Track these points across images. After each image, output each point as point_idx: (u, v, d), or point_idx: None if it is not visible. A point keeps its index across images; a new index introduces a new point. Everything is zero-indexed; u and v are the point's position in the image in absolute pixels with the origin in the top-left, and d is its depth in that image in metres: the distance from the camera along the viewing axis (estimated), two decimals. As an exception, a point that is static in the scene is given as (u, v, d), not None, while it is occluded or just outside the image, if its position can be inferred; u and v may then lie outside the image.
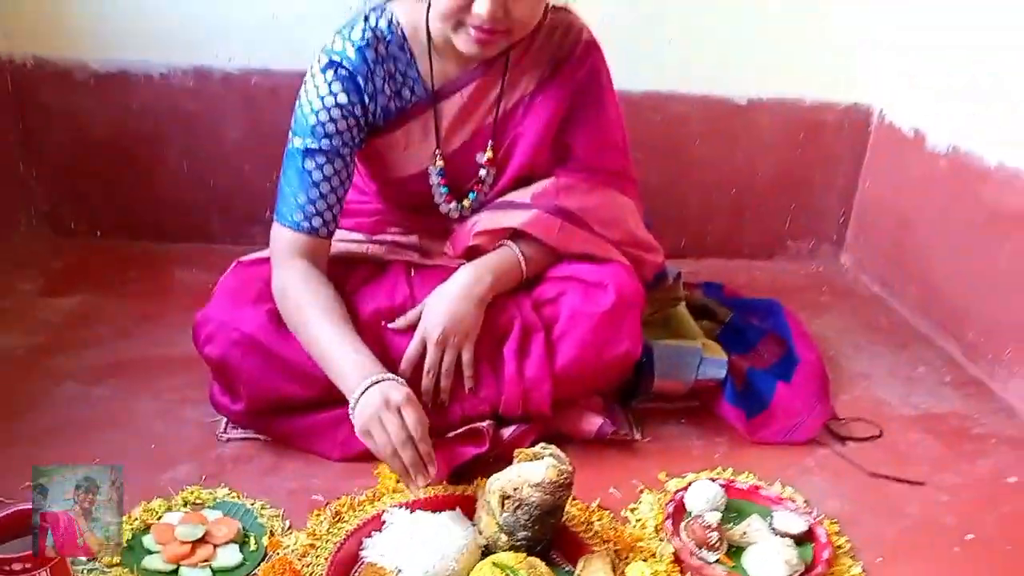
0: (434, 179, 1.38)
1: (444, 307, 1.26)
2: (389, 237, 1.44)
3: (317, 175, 1.27)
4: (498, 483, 1.08)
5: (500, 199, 1.39)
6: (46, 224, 2.00)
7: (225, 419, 1.35)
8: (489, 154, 1.37)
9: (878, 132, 2.12)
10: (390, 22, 1.30)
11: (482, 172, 1.38)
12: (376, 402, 1.11)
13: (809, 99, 2.09)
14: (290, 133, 1.30)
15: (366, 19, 1.30)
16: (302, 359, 1.23)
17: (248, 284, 1.32)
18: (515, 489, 1.06)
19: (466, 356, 1.27)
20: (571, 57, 1.35)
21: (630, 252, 1.40)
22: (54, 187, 1.97)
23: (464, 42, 1.20)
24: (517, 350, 1.30)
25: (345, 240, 1.42)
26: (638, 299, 1.36)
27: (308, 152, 1.26)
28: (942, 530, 1.24)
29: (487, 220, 1.35)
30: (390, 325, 1.30)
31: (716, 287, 1.88)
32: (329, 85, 1.27)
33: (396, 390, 1.13)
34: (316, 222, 1.28)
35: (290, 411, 1.29)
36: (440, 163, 1.37)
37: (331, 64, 1.27)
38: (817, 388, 1.54)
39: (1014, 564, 1.19)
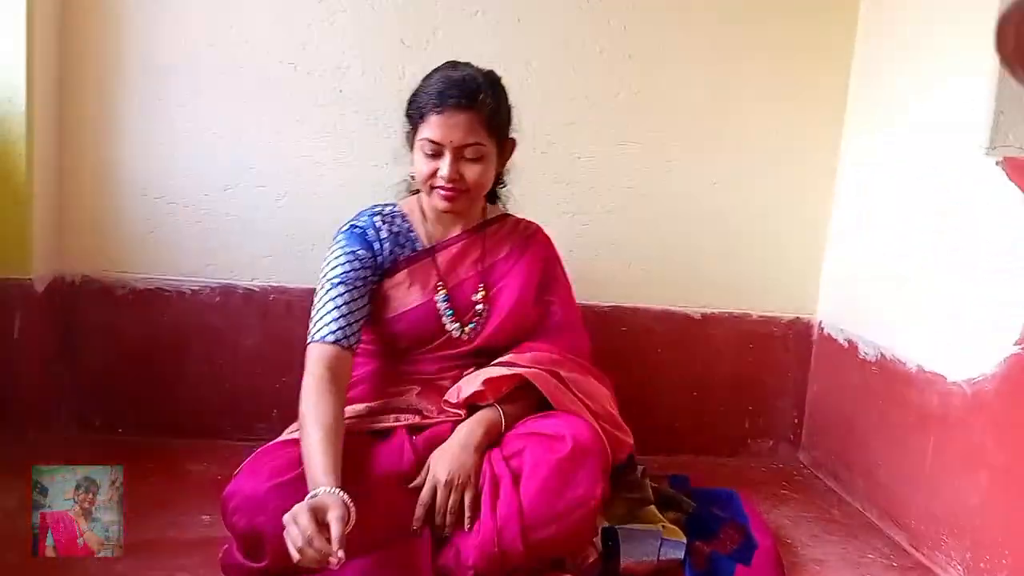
0: (440, 304, 1.70)
1: (448, 458, 1.53)
2: (391, 402, 1.67)
3: (341, 300, 1.59)
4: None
5: (501, 359, 1.66)
6: (74, 422, 2.20)
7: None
8: (482, 293, 1.72)
9: (819, 343, 2.40)
10: (392, 206, 1.76)
11: (478, 307, 1.71)
12: (306, 504, 1.28)
13: (756, 313, 2.40)
14: (318, 286, 1.64)
15: (372, 207, 1.75)
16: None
17: (269, 459, 1.50)
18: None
19: (468, 497, 1.49)
20: (534, 239, 1.82)
21: (606, 428, 1.62)
22: (86, 390, 2.19)
23: (437, 200, 1.63)
24: (490, 497, 1.49)
25: (351, 417, 1.62)
26: (594, 447, 1.54)
27: (334, 286, 1.61)
28: None
29: (493, 371, 1.62)
30: (410, 486, 1.52)
31: (682, 479, 2.07)
32: (349, 242, 1.67)
33: (331, 498, 1.30)
34: (339, 334, 1.57)
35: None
36: (443, 291, 1.70)
37: (350, 228, 1.70)
38: (774, 571, 1.69)
39: None
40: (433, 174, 1.61)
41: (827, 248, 2.39)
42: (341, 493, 1.32)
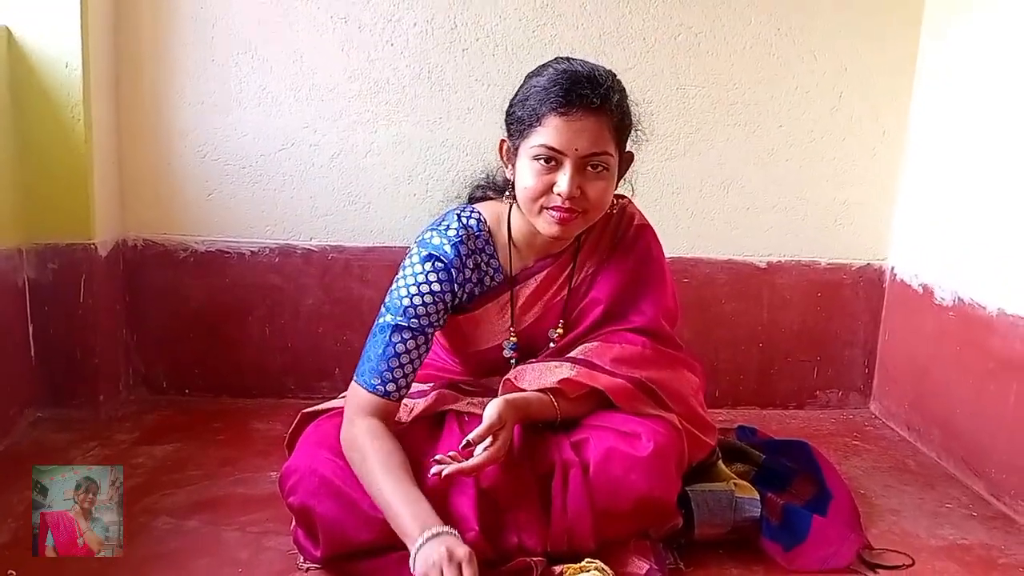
0: (507, 352, 1.58)
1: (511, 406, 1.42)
2: (448, 377, 1.62)
3: (400, 348, 1.45)
4: (552, 595, 1.21)
5: (581, 356, 1.51)
6: (142, 384, 2.24)
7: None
8: (560, 331, 1.58)
9: (891, 290, 2.31)
10: (479, 220, 1.54)
11: (551, 344, 1.57)
12: (440, 553, 1.23)
13: (825, 261, 2.31)
14: (383, 307, 1.49)
15: (458, 217, 1.54)
16: (370, 504, 1.37)
17: (328, 436, 1.48)
18: (565, 599, 1.18)
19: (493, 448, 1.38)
20: (626, 238, 1.58)
21: (688, 429, 1.51)
22: (151, 352, 2.23)
23: (546, 223, 1.42)
24: (561, 487, 1.43)
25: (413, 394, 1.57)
26: (672, 450, 1.46)
27: (397, 328, 1.45)
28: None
29: (571, 373, 1.48)
30: (468, 437, 1.38)
31: (749, 430, 2.02)
32: (427, 275, 1.48)
33: (459, 546, 1.24)
34: (391, 387, 1.44)
35: (363, 554, 1.40)
36: (513, 339, 1.58)
37: (430, 257, 1.49)
38: (850, 520, 1.64)
39: None
40: (547, 190, 1.39)
41: (899, 192, 2.29)
42: (456, 534, 1.28)
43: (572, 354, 1.54)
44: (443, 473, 1.33)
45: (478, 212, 1.56)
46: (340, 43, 2.13)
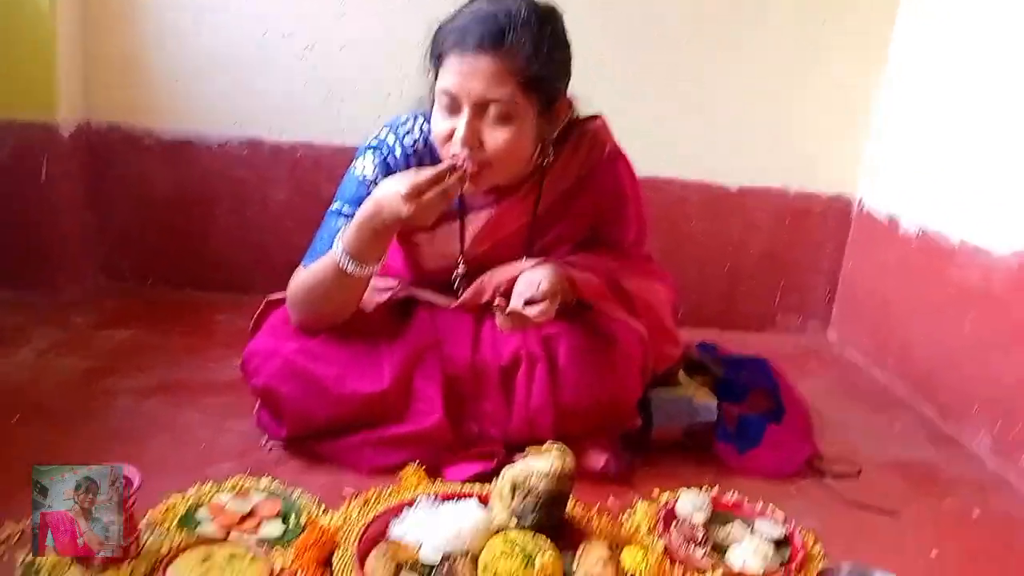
0: (456, 280, 1.53)
1: (552, 272, 1.37)
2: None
3: None
4: (510, 473, 1.22)
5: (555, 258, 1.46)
6: (102, 272, 2.20)
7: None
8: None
9: (858, 220, 2.34)
10: (428, 136, 1.43)
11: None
12: (368, 208, 1.30)
13: (794, 189, 2.33)
14: (335, 196, 1.48)
15: (418, 122, 1.46)
16: (334, 383, 1.39)
17: (284, 318, 1.49)
18: (525, 478, 1.20)
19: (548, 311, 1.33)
20: (596, 170, 1.50)
21: (656, 340, 1.52)
22: (114, 238, 2.19)
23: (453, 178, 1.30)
24: (526, 380, 1.44)
25: (371, 288, 1.52)
26: (638, 357, 1.48)
27: (343, 215, 1.43)
28: (910, 548, 1.36)
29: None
30: (533, 295, 1.32)
31: (711, 347, 2.05)
32: (375, 167, 1.45)
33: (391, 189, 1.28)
34: None
35: (326, 434, 1.42)
36: (462, 268, 1.52)
37: (379, 151, 1.46)
38: (803, 429, 1.69)
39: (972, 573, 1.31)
40: (449, 137, 1.33)
41: (872, 124, 2.29)
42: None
43: None
44: (507, 310, 1.31)
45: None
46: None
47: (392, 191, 1.29)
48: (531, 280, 1.36)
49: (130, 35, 2.08)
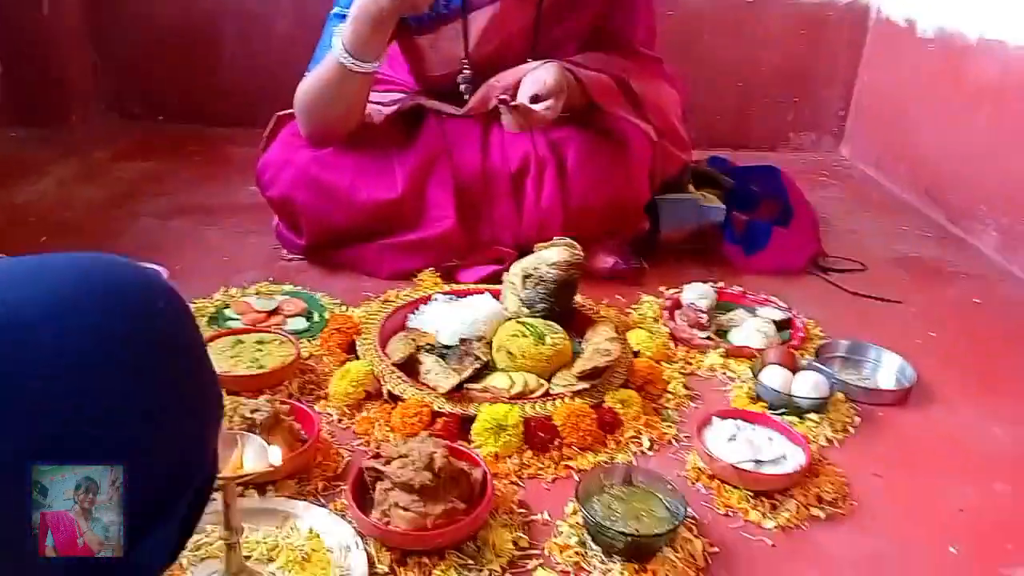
0: (463, 84, 1.51)
1: (556, 71, 1.37)
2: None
3: None
4: (520, 265, 1.27)
5: (567, 59, 1.45)
6: (114, 110, 2.22)
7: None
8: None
9: (875, 27, 2.27)
10: None
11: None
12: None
13: (809, -3, 2.26)
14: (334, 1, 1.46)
15: None
16: (349, 190, 1.41)
17: (295, 131, 1.49)
18: (534, 268, 1.25)
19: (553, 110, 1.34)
20: None
21: (663, 144, 1.53)
22: (122, 75, 2.19)
23: None
24: (536, 184, 1.46)
25: (380, 103, 1.54)
26: (647, 157, 1.50)
27: (342, 18, 1.39)
28: (909, 330, 1.41)
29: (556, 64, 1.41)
30: (536, 92, 1.33)
31: (721, 159, 2.06)
32: None
33: None
34: None
35: (344, 242, 1.47)
36: (468, 71, 1.50)
37: None
38: (810, 231, 1.72)
39: (970, 354, 1.36)
40: None
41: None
42: None
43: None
44: (511, 103, 1.31)
45: None
46: None
47: None
48: (536, 78, 1.36)
49: None
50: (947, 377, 1.27)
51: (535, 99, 1.34)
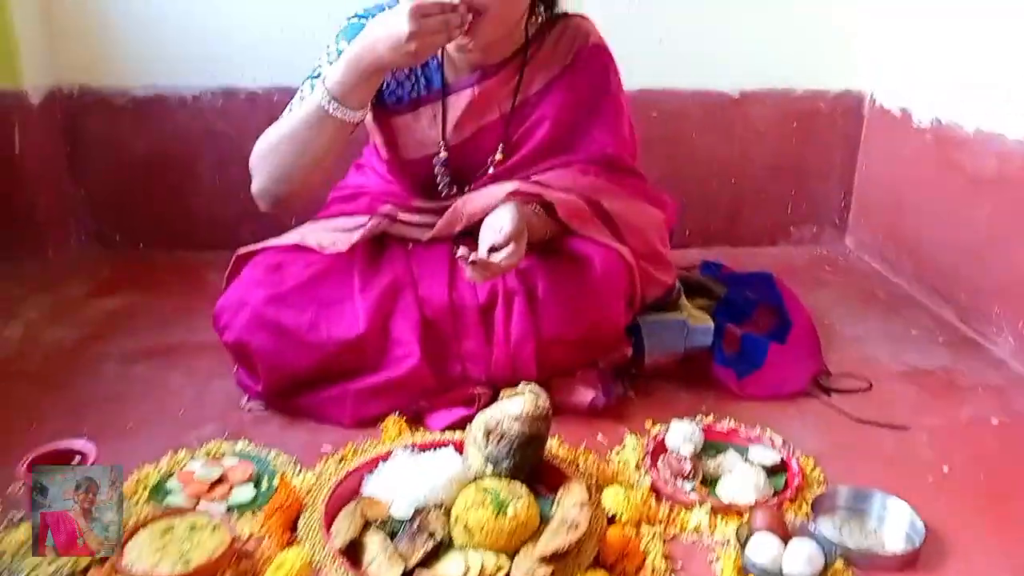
0: (438, 168, 1.49)
1: (513, 215, 1.29)
2: (387, 208, 1.51)
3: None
4: (482, 418, 1.17)
5: (535, 178, 1.42)
6: (94, 239, 2.18)
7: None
8: (500, 156, 1.47)
9: (870, 116, 2.20)
10: None
11: (491, 170, 1.48)
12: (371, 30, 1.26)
13: (801, 88, 2.18)
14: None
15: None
16: (307, 330, 1.34)
17: (259, 270, 1.44)
18: (497, 423, 1.15)
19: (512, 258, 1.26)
20: (581, 55, 1.47)
21: (642, 265, 1.44)
22: (100, 205, 2.15)
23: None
24: (505, 315, 1.38)
25: (342, 229, 1.49)
26: (622, 281, 1.40)
27: (311, 79, 1.41)
28: (917, 464, 1.29)
29: (523, 186, 1.38)
30: (492, 243, 1.26)
31: (714, 265, 1.97)
32: (347, 31, 1.40)
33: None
34: None
35: (304, 387, 1.39)
36: (444, 154, 1.48)
37: (356, 16, 1.42)
38: (809, 346, 1.61)
39: (986, 491, 1.23)
40: None
41: (878, 15, 2.12)
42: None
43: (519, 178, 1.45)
44: (469, 259, 1.24)
45: None
46: None
47: (392, 17, 1.24)
48: (493, 225, 1.29)
49: (89, -7, 2.00)
50: (962, 523, 1.15)
51: (494, 248, 1.26)
